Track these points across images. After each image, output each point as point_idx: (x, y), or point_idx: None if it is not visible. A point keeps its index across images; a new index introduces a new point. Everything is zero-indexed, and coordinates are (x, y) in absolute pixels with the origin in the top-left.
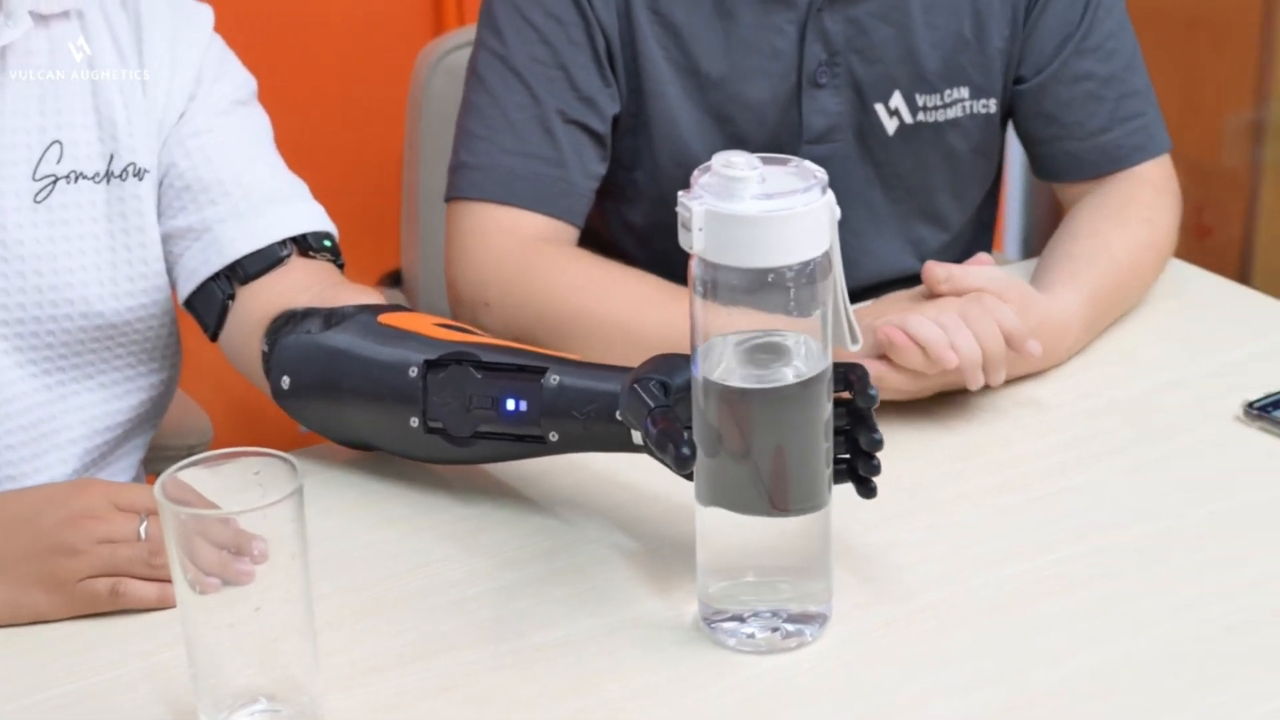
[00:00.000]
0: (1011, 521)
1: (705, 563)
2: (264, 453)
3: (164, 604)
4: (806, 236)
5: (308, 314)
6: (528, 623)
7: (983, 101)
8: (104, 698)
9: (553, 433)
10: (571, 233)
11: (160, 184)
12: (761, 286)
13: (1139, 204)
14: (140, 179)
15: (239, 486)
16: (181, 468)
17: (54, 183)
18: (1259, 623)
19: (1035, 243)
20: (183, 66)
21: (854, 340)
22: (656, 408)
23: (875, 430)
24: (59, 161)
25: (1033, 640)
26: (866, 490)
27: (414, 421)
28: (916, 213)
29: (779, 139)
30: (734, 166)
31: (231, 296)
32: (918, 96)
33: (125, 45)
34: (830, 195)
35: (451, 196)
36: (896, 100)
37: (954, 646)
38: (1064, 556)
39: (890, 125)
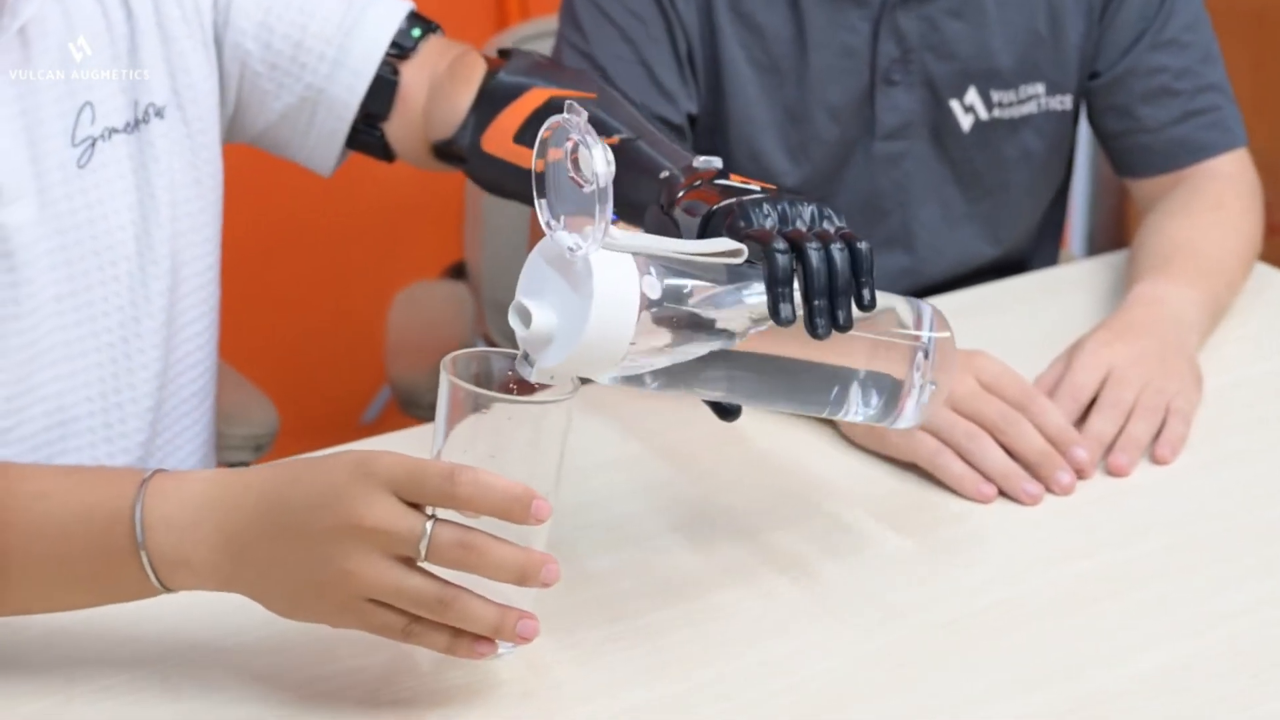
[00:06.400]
0: (1075, 519)
1: None
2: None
3: (453, 654)
4: None
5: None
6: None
7: (1059, 98)
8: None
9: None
10: None
11: (240, 79)
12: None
13: (1216, 203)
14: (162, 117)
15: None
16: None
17: (92, 144)
18: None
19: (1100, 241)
20: None
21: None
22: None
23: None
24: (93, 123)
25: (1096, 640)
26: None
27: None
28: (992, 209)
29: (852, 137)
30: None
31: (376, 127)
32: (993, 93)
33: None
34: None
35: None
36: (971, 96)
37: (1016, 646)
38: (1128, 555)
39: (966, 122)
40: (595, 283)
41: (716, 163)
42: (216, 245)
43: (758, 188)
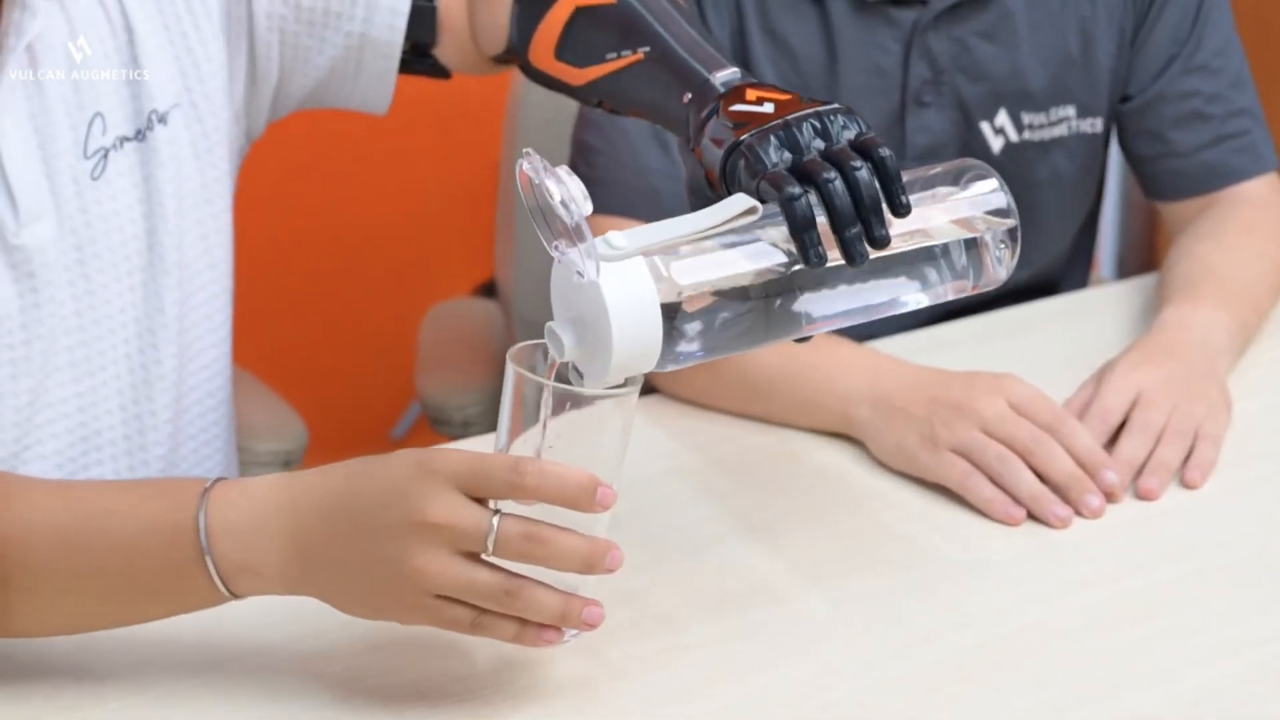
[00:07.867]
0: (1104, 543)
1: None
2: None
3: (520, 643)
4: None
5: None
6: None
7: (1089, 120)
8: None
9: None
10: None
11: (280, 46)
12: None
13: (1246, 227)
14: (165, 123)
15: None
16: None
17: (104, 155)
18: None
19: (1130, 263)
20: None
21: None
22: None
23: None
24: (104, 134)
25: (1124, 664)
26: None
27: None
28: (1022, 232)
29: None
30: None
31: (426, 55)
32: (1023, 115)
33: None
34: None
35: None
36: (1002, 119)
37: (1044, 669)
38: (1157, 580)
39: (996, 144)
40: (607, 301)
41: (736, 76)
42: (229, 246)
43: (772, 107)
